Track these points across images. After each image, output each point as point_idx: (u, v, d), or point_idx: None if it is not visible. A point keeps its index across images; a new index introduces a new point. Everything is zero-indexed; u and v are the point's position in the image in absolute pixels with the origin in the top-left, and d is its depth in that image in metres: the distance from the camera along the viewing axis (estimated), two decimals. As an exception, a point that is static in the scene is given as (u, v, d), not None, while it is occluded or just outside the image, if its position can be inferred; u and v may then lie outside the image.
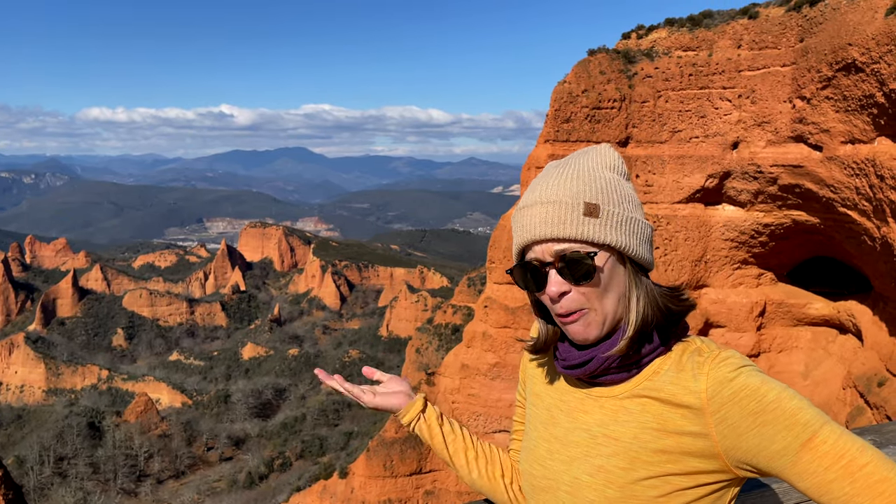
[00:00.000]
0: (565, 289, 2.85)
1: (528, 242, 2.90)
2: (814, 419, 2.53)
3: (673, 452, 2.77)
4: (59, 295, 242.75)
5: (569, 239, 2.83)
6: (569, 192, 2.90)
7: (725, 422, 2.65)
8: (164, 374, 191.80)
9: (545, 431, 3.21)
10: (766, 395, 2.59)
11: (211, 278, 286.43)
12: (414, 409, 3.69)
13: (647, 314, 2.91)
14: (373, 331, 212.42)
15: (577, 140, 64.10)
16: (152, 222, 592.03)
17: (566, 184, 2.92)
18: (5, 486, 64.79)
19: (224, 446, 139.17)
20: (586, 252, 2.83)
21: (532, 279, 2.94)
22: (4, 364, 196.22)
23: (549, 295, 2.87)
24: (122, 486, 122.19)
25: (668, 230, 61.96)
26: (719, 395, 2.67)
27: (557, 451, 3.09)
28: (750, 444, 2.60)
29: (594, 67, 64.13)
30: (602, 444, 2.93)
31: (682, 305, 3.01)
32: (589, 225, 2.84)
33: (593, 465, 2.92)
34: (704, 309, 62.47)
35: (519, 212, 2.98)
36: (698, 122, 59.10)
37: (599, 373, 2.96)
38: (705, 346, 2.92)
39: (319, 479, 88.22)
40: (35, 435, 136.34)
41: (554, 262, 2.86)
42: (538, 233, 2.87)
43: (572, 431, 3.06)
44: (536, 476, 3.18)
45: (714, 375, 2.72)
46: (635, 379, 2.94)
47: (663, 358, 2.94)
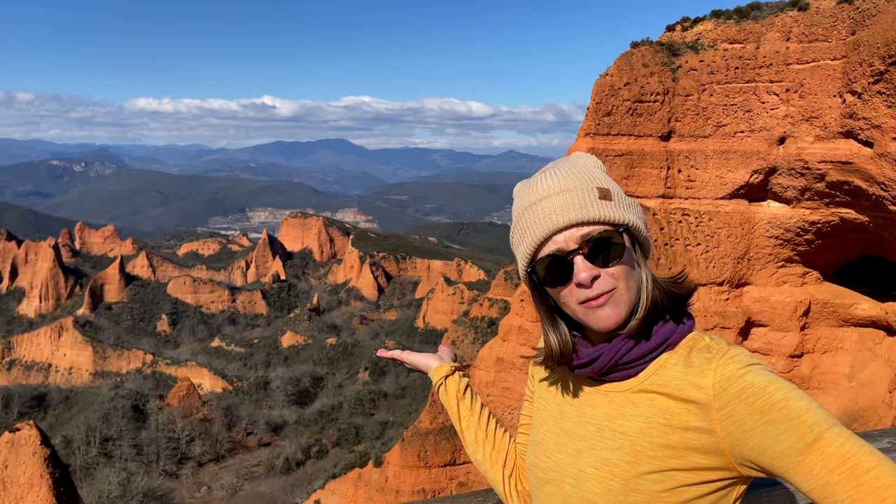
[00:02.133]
0: (595, 273, 2.83)
1: (550, 233, 2.86)
2: (821, 421, 2.49)
3: (677, 448, 2.76)
4: (106, 281, 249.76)
5: (593, 221, 2.83)
6: (580, 180, 2.92)
7: (731, 419, 2.63)
8: (206, 360, 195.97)
9: (554, 425, 3.26)
10: (774, 394, 2.56)
11: (252, 267, 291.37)
12: (438, 373, 4.04)
13: (655, 295, 2.96)
14: (409, 322, 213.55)
15: (618, 133, 63.40)
16: (196, 211, 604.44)
17: (571, 175, 2.95)
18: (53, 465, 67.26)
19: (263, 432, 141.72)
20: (614, 230, 2.84)
21: (557, 271, 2.90)
22: (54, 347, 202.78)
23: (580, 281, 2.83)
24: (165, 468, 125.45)
25: (711, 226, 60.93)
26: (726, 392, 2.65)
27: (565, 444, 3.14)
28: (755, 443, 2.57)
29: (637, 60, 63.26)
30: (608, 437, 2.96)
31: (683, 288, 3.08)
32: (608, 207, 2.87)
33: (599, 458, 2.95)
34: (746, 307, 61.32)
35: (529, 209, 2.97)
36: (744, 116, 57.89)
37: (607, 370, 3.00)
38: (714, 343, 2.93)
39: (354, 467, 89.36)
40: (82, 416, 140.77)
41: (581, 247, 2.84)
42: (560, 220, 2.84)
43: (580, 425, 3.11)
44: (543, 468, 3.22)
45: (722, 372, 2.70)
46: (643, 374, 2.96)
47: (670, 353, 2.96)
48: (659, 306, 2.98)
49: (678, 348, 2.96)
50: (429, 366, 4.12)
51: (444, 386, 3.99)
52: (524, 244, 2.97)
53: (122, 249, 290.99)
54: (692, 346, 2.94)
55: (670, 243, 62.62)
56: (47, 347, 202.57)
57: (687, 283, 3.11)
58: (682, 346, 2.97)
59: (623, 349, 2.95)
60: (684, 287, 3.09)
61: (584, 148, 64.84)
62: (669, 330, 2.99)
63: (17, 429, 68.84)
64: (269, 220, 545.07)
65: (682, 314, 3.09)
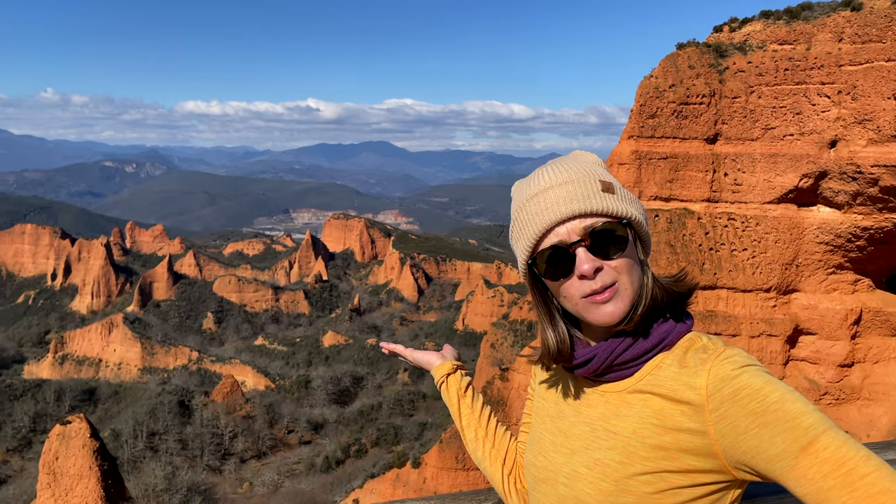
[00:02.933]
0: (598, 265, 2.78)
1: (553, 224, 2.82)
2: (816, 424, 2.41)
3: (670, 449, 2.71)
4: (155, 279, 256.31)
5: (596, 213, 2.79)
6: (581, 173, 2.89)
7: (724, 420, 2.56)
8: (250, 358, 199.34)
9: (551, 424, 3.25)
10: (769, 396, 2.49)
11: (295, 267, 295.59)
12: (440, 371, 4.11)
13: (655, 292, 2.93)
14: (449, 324, 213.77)
15: (662, 136, 62.51)
16: (242, 212, 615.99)
17: (572, 168, 2.92)
18: (101, 458, 69.18)
19: (304, 430, 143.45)
20: (617, 222, 2.80)
21: (558, 263, 2.85)
22: (105, 342, 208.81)
23: (583, 273, 2.78)
24: (208, 463, 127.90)
25: (758, 231, 59.59)
26: (719, 393, 2.59)
27: (560, 444, 3.13)
28: (748, 445, 2.50)
29: (682, 61, 62.29)
30: (602, 437, 2.93)
31: (684, 286, 3.03)
32: (610, 199, 2.83)
33: (591, 458, 2.93)
34: (794, 315, 59.78)
35: (529, 202, 2.92)
36: (793, 118, 56.49)
37: (603, 370, 2.97)
38: (711, 343, 2.88)
39: (393, 467, 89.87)
40: (130, 410, 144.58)
41: (583, 238, 2.79)
42: (563, 211, 2.80)
43: (576, 425, 3.09)
44: (539, 467, 3.22)
45: (716, 372, 2.64)
46: (638, 374, 2.92)
47: (666, 353, 2.92)
48: (659, 304, 2.94)
49: (675, 348, 2.92)
50: (431, 363, 4.18)
51: (446, 384, 4.06)
52: (525, 237, 2.92)
53: (171, 248, 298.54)
54: (689, 346, 2.90)
55: (715, 248, 61.42)
56: (98, 343, 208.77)
57: (688, 281, 3.06)
58: (679, 346, 2.92)
59: (619, 349, 2.91)
60: (685, 285, 3.04)
61: (628, 151, 64.06)
62: (666, 330, 2.94)
63: (67, 421, 70.97)
64: (312, 221, 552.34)
65: (682, 313, 3.04)
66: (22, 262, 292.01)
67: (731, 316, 60.23)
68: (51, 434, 70.80)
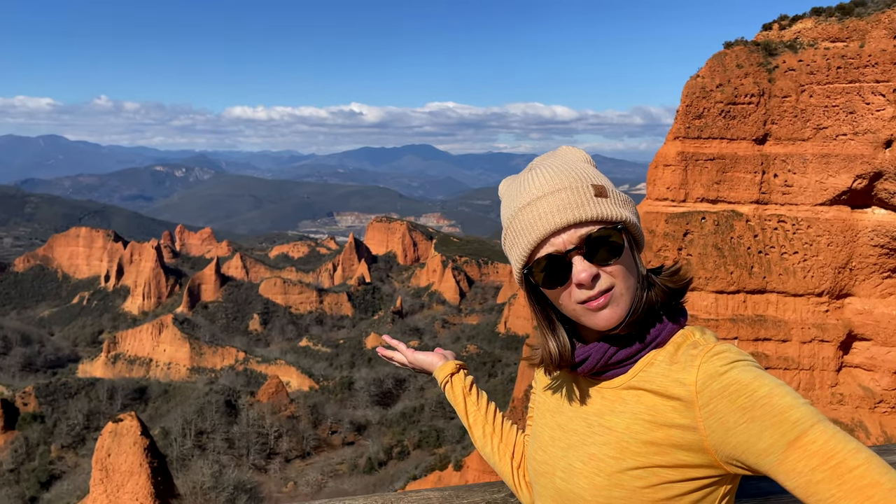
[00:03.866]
0: (595, 272, 2.78)
1: (547, 234, 2.80)
2: (805, 418, 2.42)
3: (662, 444, 2.74)
4: (203, 281, 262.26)
5: (590, 220, 2.78)
6: (573, 179, 2.86)
7: (714, 416, 2.59)
8: (294, 359, 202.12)
9: (550, 419, 3.28)
10: (757, 391, 2.50)
11: (339, 269, 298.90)
12: (443, 371, 4.13)
13: (650, 295, 2.93)
14: (491, 327, 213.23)
15: (709, 137, 61.32)
16: (287, 215, 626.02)
17: (563, 174, 2.88)
18: (151, 455, 70.90)
19: (347, 431, 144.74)
20: (612, 227, 2.80)
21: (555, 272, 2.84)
22: (155, 343, 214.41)
23: (580, 281, 2.77)
24: (254, 462, 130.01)
25: (809, 234, 57.96)
26: (708, 389, 2.62)
27: (558, 438, 3.16)
28: (738, 440, 2.53)
29: (730, 61, 61.02)
30: (597, 433, 2.96)
31: (678, 282, 3.00)
32: (604, 204, 2.81)
33: (587, 453, 2.95)
34: (848, 320, 57.93)
35: (522, 211, 2.89)
36: (846, 118, 54.82)
37: (598, 369, 2.98)
38: (703, 338, 2.88)
39: (435, 469, 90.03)
40: (179, 409, 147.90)
41: (578, 246, 2.79)
42: (558, 221, 2.78)
43: (573, 420, 3.11)
44: (538, 461, 3.25)
45: (705, 369, 2.66)
46: (632, 371, 2.94)
47: (658, 350, 2.92)
48: (654, 305, 2.94)
49: (667, 345, 2.92)
50: (433, 364, 4.19)
51: (451, 384, 4.08)
52: (519, 246, 2.91)
53: (218, 251, 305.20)
54: (681, 342, 2.90)
55: (765, 251, 59.91)
56: (149, 343, 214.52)
57: (682, 275, 3.03)
58: (672, 342, 2.92)
59: (611, 349, 2.94)
60: (679, 281, 3.01)
61: (674, 152, 63.00)
62: (660, 327, 2.95)
63: (119, 419, 72.98)
64: (355, 224, 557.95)
65: (677, 310, 3.03)
66: (77, 264, 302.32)
67: (782, 321, 58.62)
68: (103, 431, 72.88)
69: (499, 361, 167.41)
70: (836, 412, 58.84)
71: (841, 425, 61.27)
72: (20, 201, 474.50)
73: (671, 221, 63.32)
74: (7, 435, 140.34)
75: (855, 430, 57.27)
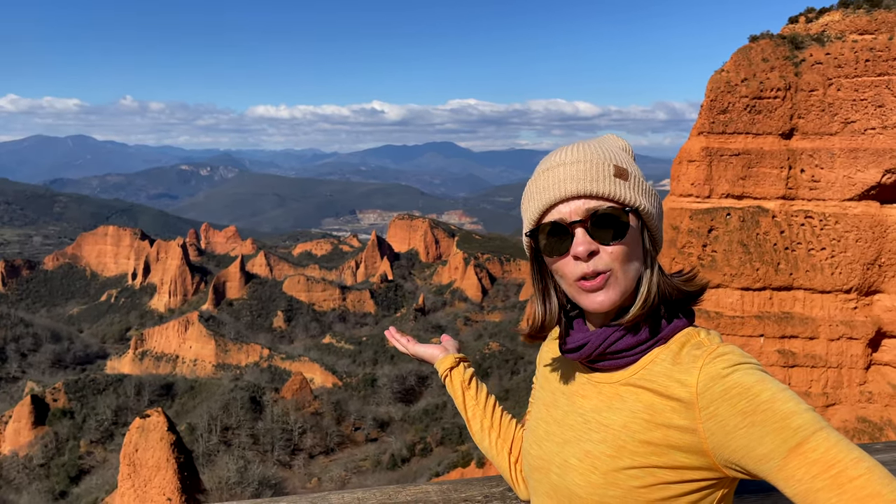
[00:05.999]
0: (594, 248, 2.75)
1: (556, 201, 2.80)
2: (807, 424, 2.37)
3: (659, 445, 2.70)
4: (228, 278, 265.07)
5: (601, 196, 2.76)
6: (598, 155, 2.85)
7: (714, 419, 2.55)
8: (318, 356, 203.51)
9: (546, 413, 3.25)
10: (759, 395, 2.46)
11: (362, 267, 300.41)
12: (443, 364, 4.14)
13: (663, 290, 2.88)
14: (513, 324, 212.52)
15: (734, 132, 60.60)
16: (310, 213, 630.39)
17: (591, 150, 2.88)
18: (178, 450, 71.89)
19: (370, 427, 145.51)
20: (622, 209, 2.77)
21: (555, 240, 2.83)
22: (181, 339, 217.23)
23: (577, 254, 2.76)
24: (278, 458, 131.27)
25: (837, 230, 57.06)
26: (710, 391, 2.57)
27: (554, 433, 3.13)
28: (738, 445, 2.48)
29: (756, 54, 60.22)
30: (594, 429, 2.92)
31: (694, 285, 2.95)
32: (620, 185, 2.79)
33: (582, 450, 2.92)
34: (877, 317, 56.94)
35: (542, 174, 2.91)
36: (875, 111, 53.87)
37: (596, 357, 2.94)
38: (707, 339, 2.82)
39: (457, 466, 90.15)
40: (205, 405, 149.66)
41: (584, 220, 2.77)
42: (568, 189, 2.78)
43: (569, 415, 3.08)
44: (533, 456, 3.22)
45: (707, 371, 2.62)
46: (632, 367, 2.89)
47: (661, 348, 2.87)
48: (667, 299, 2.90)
49: (670, 343, 2.87)
50: (434, 357, 4.19)
51: (450, 377, 4.07)
52: (531, 208, 2.93)
53: (243, 249, 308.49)
54: (685, 341, 2.85)
55: (791, 247, 59.08)
56: (175, 340, 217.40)
57: (697, 280, 2.98)
58: (675, 341, 2.87)
59: (612, 337, 2.89)
60: (695, 284, 2.96)
61: (698, 147, 62.36)
62: (665, 324, 2.91)
63: (146, 415, 74.10)
64: (377, 222, 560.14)
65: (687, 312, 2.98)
66: (105, 262, 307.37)
67: (809, 318, 57.79)
68: (131, 427, 74.03)
69: (521, 359, 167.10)
70: (864, 410, 57.89)
71: (869, 424, 60.24)
72: (49, 201, 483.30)
73: (696, 218, 62.67)
74: (37, 430, 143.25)
75: (884, 429, 56.30)
